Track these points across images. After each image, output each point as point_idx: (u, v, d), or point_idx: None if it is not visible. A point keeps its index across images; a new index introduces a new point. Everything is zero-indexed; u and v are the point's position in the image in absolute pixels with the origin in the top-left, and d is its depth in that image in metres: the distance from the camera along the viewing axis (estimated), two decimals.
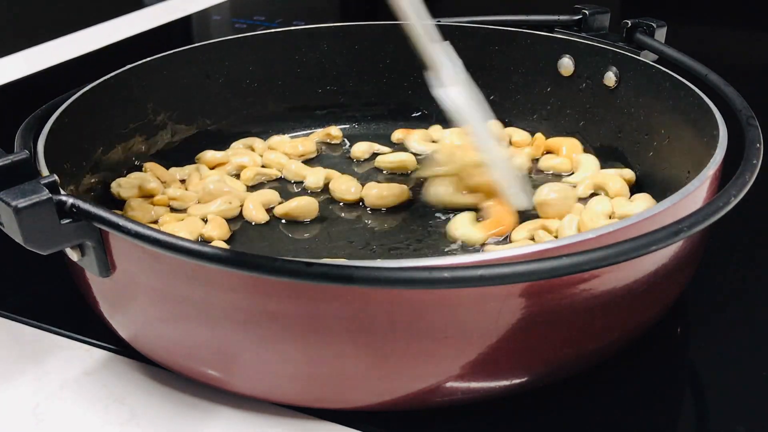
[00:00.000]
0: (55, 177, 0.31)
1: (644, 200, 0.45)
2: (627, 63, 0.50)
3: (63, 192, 0.31)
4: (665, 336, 0.40)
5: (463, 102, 0.44)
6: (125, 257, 0.32)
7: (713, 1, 1.01)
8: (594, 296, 0.32)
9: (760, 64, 0.81)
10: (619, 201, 0.46)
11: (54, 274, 0.43)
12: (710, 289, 0.44)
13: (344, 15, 1.00)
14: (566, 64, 0.54)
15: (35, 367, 0.38)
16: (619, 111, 0.51)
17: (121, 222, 0.29)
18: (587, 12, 0.55)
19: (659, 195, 0.45)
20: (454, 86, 0.44)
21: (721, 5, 0.99)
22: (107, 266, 0.33)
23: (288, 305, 0.30)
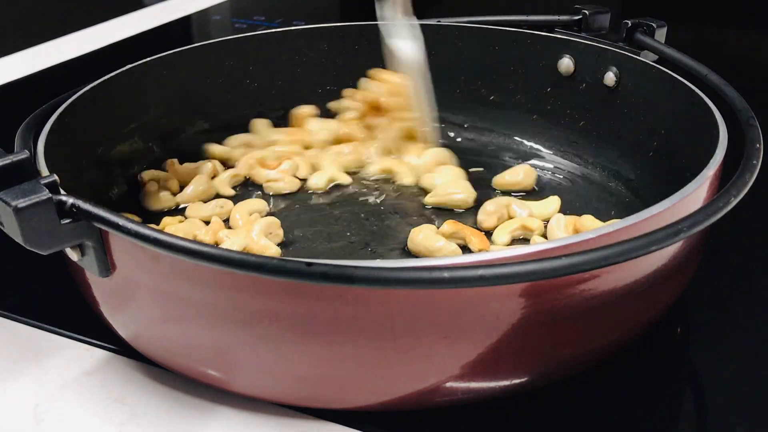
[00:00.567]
0: (55, 177, 0.31)
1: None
2: (627, 63, 0.50)
3: (63, 192, 0.31)
4: (665, 336, 0.40)
5: (414, 57, 0.46)
6: (125, 257, 0.32)
7: (713, 1, 1.01)
8: (594, 297, 0.32)
9: (760, 64, 0.81)
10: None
11: (54, 274, 0.43)
12: (711, 290, 0.44)
13: (344, 15, 1.00)
14: (566, 64, 0.54)
15: (35, 367, 0.38)
16: (619, 111, 0.51)
17: (121, 222, 0.29)
18: (587, 12, 0.55)
19: (659, 196, 0.45)
20: (409, 41, 0.46)
21: (722, 5, 0.99)
22: (107, 266, 0.33)
23: (288, 305, 0.30)
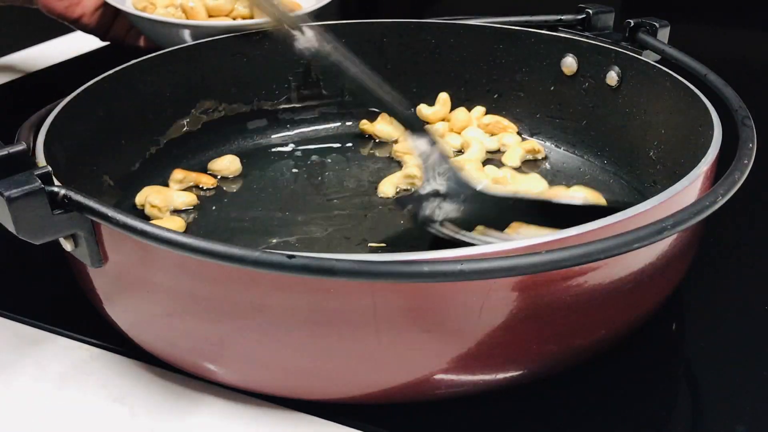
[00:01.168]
0: (49, 168, 0.32)
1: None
2: (629, 63, 0.50)
3: (57, 183, 0.32)
4: (660, 332, 0.40)
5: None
6: (116, 248, 0.33)
7: (715, 1, 1.00)
8: (579, 292, 0.31)
9: (760, 64, 0.81)
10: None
11: (54, 274, 0.44)
12: (705, 286, 0.44)
13: (344, 15, 1.00)
14: (569, 63, 0.54)
15: (35, 366, 0.38)
16: (621, 110, 0.51)
17: (110, 213, 0.30)
18: (591, 11, 0.55)
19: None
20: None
21: (723, 5, 0.99)
22: (99, 256, 0.33)
23: (272, 298, 0.30)
